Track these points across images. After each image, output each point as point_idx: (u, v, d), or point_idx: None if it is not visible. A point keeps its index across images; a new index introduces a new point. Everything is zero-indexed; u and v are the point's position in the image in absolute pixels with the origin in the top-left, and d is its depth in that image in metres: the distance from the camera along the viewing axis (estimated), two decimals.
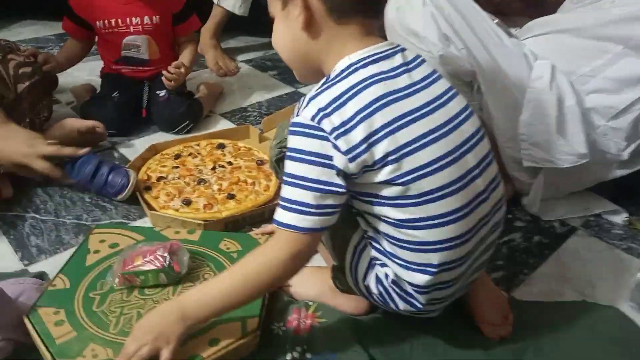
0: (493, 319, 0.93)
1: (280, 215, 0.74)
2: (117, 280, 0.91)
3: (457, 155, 0.76)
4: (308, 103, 0.73)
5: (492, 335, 0.93)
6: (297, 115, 0.74)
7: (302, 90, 1.87)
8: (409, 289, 0.81)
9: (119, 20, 1.48)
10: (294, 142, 0.73)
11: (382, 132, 0.71)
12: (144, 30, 1.50)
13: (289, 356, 0.86)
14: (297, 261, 0.76)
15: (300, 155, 0.72)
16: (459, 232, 0.77)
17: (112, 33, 1.50)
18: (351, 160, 0.71)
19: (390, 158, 0.72)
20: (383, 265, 0.82)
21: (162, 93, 1.52)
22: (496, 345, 0.92)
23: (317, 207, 0.72)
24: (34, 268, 1.02)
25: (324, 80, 0.75)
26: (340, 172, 0.72)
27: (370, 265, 0.83)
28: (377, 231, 0.80)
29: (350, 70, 0.73)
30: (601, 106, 1.16)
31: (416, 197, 0.74)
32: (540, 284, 1.07)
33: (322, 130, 0.71)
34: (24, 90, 1.24)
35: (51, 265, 1.03)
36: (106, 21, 1.48)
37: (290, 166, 0.73)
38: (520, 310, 0.98)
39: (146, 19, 1.50)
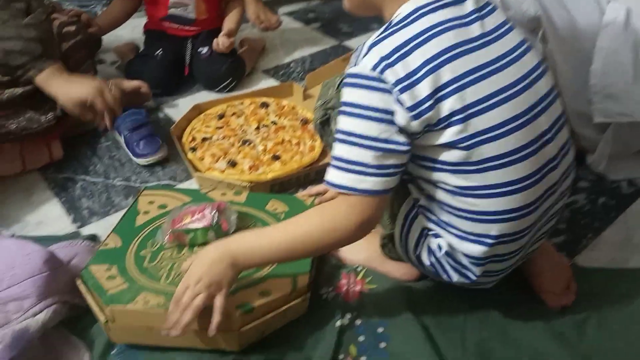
0: (555, 287, 0.88)
1: (335, 176, 0.68)
2: (166, 238, 0.91)
3: (529, 117, 0.69)
4: (368, 51, 0.66)
5: (554, 304, 0.88)
6: (355, 65, 0.67)
7: (347, 43, 1.79)
8: (464, 260, 0.77)
9: None
10: (350, 95, 0.67)
11: (451, 87, 0.65)
12: None
13: (338, 322, 0.85)
14: (362, 226, 0.70)
15: (357, 111, 0.66)
16: (523, 202, 0.71)
17: None
18: (415, 117, 0.65)
19: (455, 117, 0.65)
20: (436, 236, 0.78)
21: (204, 50, 1.49)
22: (556, 315, 0.88)
23: (377, 167, 0.66)
24: (85, 230, 1.05)
25: (386, 25, 0.68)
26: (402, 130, 0.66)
27: (422, 235, 0.79)
28: (431, 199, 0.75)
29: (417, 14, 0.66)
30: None
31: (479, 162, 0.68)
32: (605, 250, 1.00)
33: (384, 81, 0.64)
34: (68, 49, 1.23)
35: (102, 227, 1.05)
36: None
37: (345, 123, 0.67)
38: (583, 278, 0.92)
39: None
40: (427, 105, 0.65)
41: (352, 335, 0.84)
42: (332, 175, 0.69)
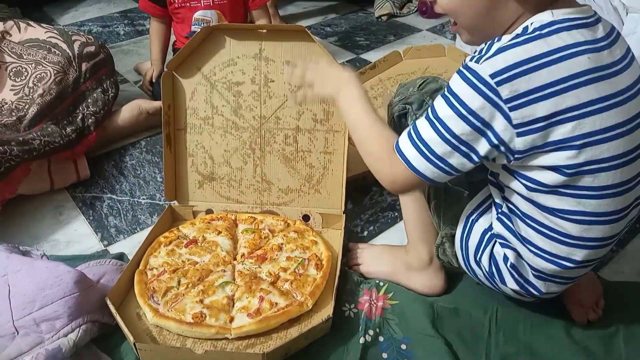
0: (584, 301, 0.88)
1: (404, 142, 0.69)
2: None
3: (633, 156, 0.67)
4: (495, 54, 0.62)
5: (581, 319, 0.87)
6: (477, 62, 0.63)
7: (364, 56, 1.81)
8: (530, 274, 0.76)
9: None
10: (459, 87, 0.64)
11: (569, 114, 0.62)
12: (214, 4, 1.49)
13: (361, 339, 0.85)
14: (392, 186, 0.73)
15: (457, 104, 0.64)
16: (611, 232, 0.71)
17: (185, 8, 1.50)
18: (520, 135, 0.63)
19: (568, 144, 0.63)
20: (505, 245, 0.77)
21: None
22: (582, 330, 0.87)
23: (440, 159, 0.67)
24: (113, 248, 1.07)
25: (518, 32, 0.64)
26: (498, 145, 0.64)
27: (486, 240, 0.79)
28: (514, 209, 0.74)
29: (554, 28, 0.63)
30: None
31: (579, 189, 0.66)
32: (631, 263, 0.99)
33: (498, 95, 0.61)
34: (88, 68, 1.27)
35: (129, 245, 1.07)
36: None
37: (441, 106, 0.66)
38: (609, 292, 0.92)
39: None
40: (537, 126, 0.62)
41: (376, 352, 0.84)
42: (403, 139, 0.70)
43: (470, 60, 0.64)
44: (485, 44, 0.65)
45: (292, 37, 1.04)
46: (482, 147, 0.65)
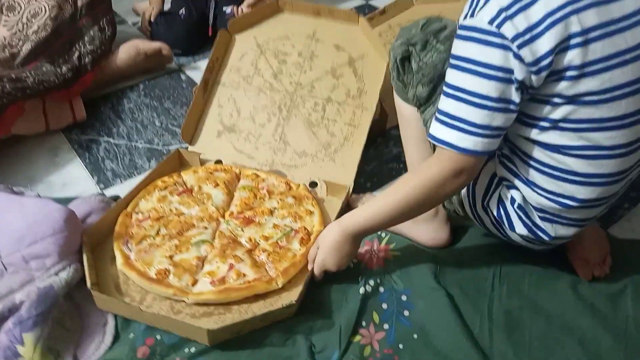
0: (591, 257, 0.85)
1: (438, 130, 0.66)
2: None
3: (638, 87, 0.63)
4: (486, 2, 0.60)
5: (586, 275, 0.85)
6: (471, 17, 0.61)
7: (373, 2, 1.72)
8: (536, 216, 0.74)
9: None
10: (464, 49, 0.62)
11: (575, 41, 0.59)
12: None
13: (361, 289, 0.83)
14: (459, 181, 0.68)
15: (471, 66, 0.62)
16: (618, 168, 0.67)
17: None
18: (536, 73, 0.60)
19: (570, 73, 0.61)
20: (510, 187, 0.74)
21: (228, 10, 1.45)
22: (589, 286, 0.84)
23: (483, 127, 0.63)
24: (109, 192, 1.04)
25: None
26: (520, 86, 0.62)
27: (493, 183, 0.76)
28: (515, 150, 0.72)
29: None
30: None
31: (583, 122, 0.64)
32: None
33: (503, 37, 0.59)
34: (83, 4, 1.21)
35: (126, 188, 1.03)
36: None
37: (456, 77, 0.63)
38: (619, 249, 0.89)
39: None
40: (548, 60, 0.60)
41: (376, 302, 0.82)
42: (436, 129, 0.67)
43: (464, 19, 0.62)
44: (469, 2, 0.63)
45: (345, 20, 1.11)
46: (514, 94, 0.62)
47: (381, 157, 1.12)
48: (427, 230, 0.90)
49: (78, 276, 0.79)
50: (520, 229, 0.76)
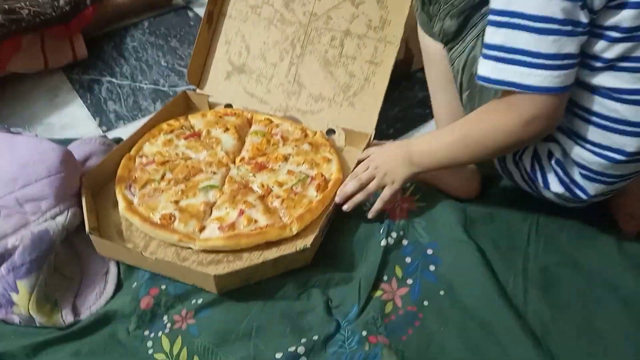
0: (636, 211, 0.77)
1: (491, 69, 0.57)
2: None
3: None
4: None
5: (631, 228, 0.77)
6: None
7: None
8: (576, 173, 0.66)
9: None
10: None
11: None
12: None
13: (383, 242, 0.76)
14: (531, 128, 0.58)
15: None
16: None
17: None
18: None
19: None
20: (548, 139, 0.66)
21: None
22: (632, 243, 0.76)
23: (551, 56, 0.54)
24: (112, 134, 0.98)
25: None
26: (584, 4, 0.53)
27: None
28: None
29: None
30: None
31: None
32: None
33: None
34: None
35: (129, 131, 0.96)
36: None
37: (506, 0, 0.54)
38: None
39: None
40: None
41: (399, 255, 0.76)
42: (487, 68, 0.57)
43: None
44: None
45: None
46: (581, 13, 0.53)
47: (405, 102, 1.03)
48: (455, 179, 0.82)
49: (77, 221, 0.73)
50: (555, 186, 0.68)
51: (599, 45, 0.56)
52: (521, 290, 0.71)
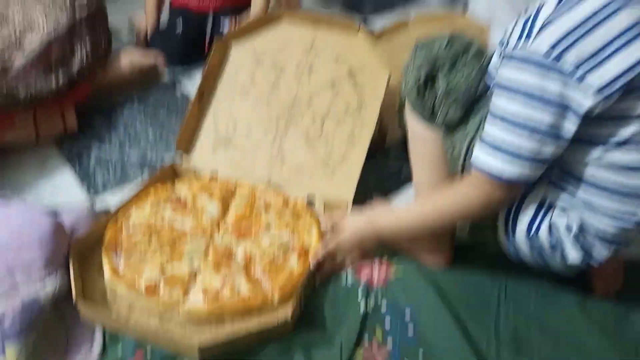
0: (607, 273, 0.84)
1: (484, 157, 0.65)
2: None
3: None
4: (541, 30, 0.60)
5: (603, 289, 0.83)
6: (525, 44, 0.60)
7: (370, 23, 1.73)
8: (594, 241, 0.71)
9: None
10: (518, 77, 0.61)
11: None
12: None
13: (362, 305, 0.80)
14: (490, 209, 0.69)
15: (523, 97, 0.61)
16: None
17: None
18: (606, 98, 0.59)
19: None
20: (565, 214, 0.71)
21: (226, 26, 1.45)
22: (596, 305, 0.82)
23: (532, 155, 0.62)
24: (100, 201, 1.00)
25: (555, 1, 0.62)
26: (580, 116, 0.60)
27: (541, 212, 0.72)
28: (573, 172, 0.69)
29: None
30: None
31: None
32: None
33: (561, 70, 0.58)
34: (81, 19, 1.20)
35: (117, 199, 1.00)
36: None
37: (505, 104, 0.62)
38: (627, 270, 0.87)
39: None
40: (618, 84, 0.59)
41: (378, 318, 0.79)
42: (481, 155, 0.66)
43: (514, 49, 0.61)
44: (523, 24, 0.62)
45: (344, 30, 1.08)
46: (569, 124, 0.61)
47: (380, 174, 1.10)
48: (428, 248, 0.88)
49: (65, 287, 0.74)
50: (574, 256, 0.72)
51: (614, 127, 0.63)
52: (494, 351, 0.75)
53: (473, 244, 0.89)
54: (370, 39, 1.05)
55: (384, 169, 1.11)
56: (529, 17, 0.62)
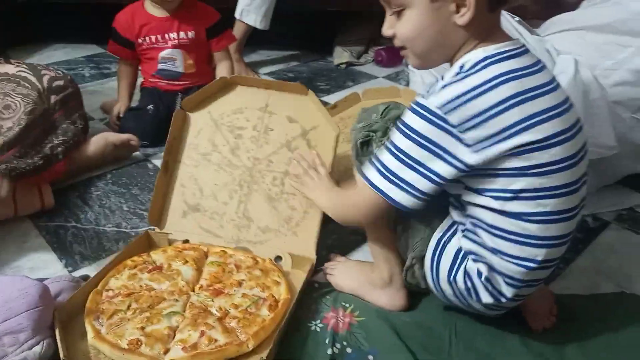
0: (540, 309, 0.94)
1: (375, 177, 0.78)
2: None
3: (577, 159, 0.77)
4: (441, 89, 0.73)
5: (537, 325, 0.93)
6: (425, 98, 0.73)
7: (325, 98, 1.90)
8: (501, 283, 0.82)
9: (159, 37, 1.57)
10: (411, 120, 0.74)
11: (518, 127, 0.71)
12: (180, 44, 1.58)
13: (329, 351, 0.88)
14: (369, 218, 0.88)
15: (412, 135, 0.74)
16: (567, 230, 0.79)
17: (153, 49, 1.58)
18: (476, 151, 0.72)
19: (521, 149, 0.72)
20: (477, 260, 0.82)
21: None
22: (537, 338, 0.92)
23: (405, 182, 0.76)
24: (78, 274, 1.06)
25: (456, 70, 0.75)
26: (458, 164, 0.73)
27: (458, 258, 0.84)
28: (479, 223, 0.80)
29: (487, 62, 0.73)
30: (626, 98, 1.17)
31: (539, 190, 0.75)
32: (576, 278, 1.07)
33: (447, 122, 0.71)
34: (57, 101, 1.29)
35: (94, 271, 1.06)
36: (147, 38, 1.57)
37: (398, 139, 0.76)
38: (559, 304, 0.98)
39: (182, 34, 1.58)
40: (490, 142, 0.72)
41: None
42: (373, 175, 0.79)
43: (421, 97, 0.75)
44: (430, 86, 0.77)
45: (295, 92, 1.17)
46: (442, 168, 0.74)
47: (342, 230, 1.20)
48: (384, 296, 0.98)
49: (51, 351, 0.79)
50: (486, 298, 0.83)
51: (506, 181, 0.74)
52: None
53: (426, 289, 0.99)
54: (317, 100, 1.15)
55: (345, 227, 1.21)
56: (439, 78, 0.76)
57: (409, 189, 0.76)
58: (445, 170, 0.74)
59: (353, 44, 2.28)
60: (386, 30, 0.81)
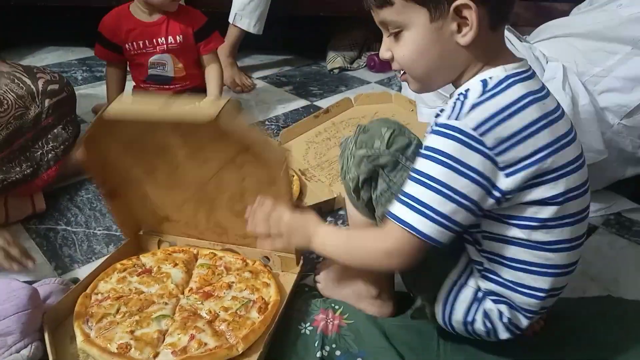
0: None
1: (400, 210, 0.69)
2: None
3: (586, 187, 0.76)
4: (471, 109, 0.67)
5: (529, 329, 0.93)
6: (456, 119, 0.67)
7: (317, 103, 1.91)
8: (520, 318, 0.79)
9: (147, 42, 1.56)
10: (444, 145, 0.66)
11: (547, 150, 0.69)
12: (168, 49, 1.58)
13: (318, 354, 0.88)
14: (395, 261, 0.72)
15: (448, 161, 0.66)
16: (577, 257, 0.79)
17: (141, 54, 1.58)
18: (509, 175, 0.67)
19: (549, 176, 0.70)
20: (497, 301, 0.79)
21: None
22: (525, 341, 0.93)
23: (445, 217, 0.67)
24: (67, 277, 1.06)
25: (480, 88, 0.70)
26: (493, 191, 0.68)
27: (476, 300, 0.80)
28: (496, 258, 0.76)
29: (511, 81, 0.70)
30: (614, 105, 1.18)
31: (564, 217, 0.72)
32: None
33: (484, 145, 0.66)
34: (50, 105, 1.28)
35: (84, 273, 1.06)
36: (134, 43, 1.56)
37: (430, 166, 0.67)
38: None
39: (170, 39, 1.57)
40: (524, 164, 0.68)
41: None
42: (398, 209, 0.70)
43: (448, 119, 0.68)
44: (453, 104, 0.70)
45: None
46: (480, 196, 0.68)
47: None
48: (372, 307, 0.98)
49: (39, 354, 0.79)
50: (504, 335, 0.81)
51: (538, 211, 0.71)
52: None
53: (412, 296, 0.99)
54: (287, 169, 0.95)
55: None
56: (458, 100, 0.70)
57: (447, 223, 0.68)
58: (483, 198, 0.68)
59: (346, 49, 2.29)
60: (383, 53, 0.75)
